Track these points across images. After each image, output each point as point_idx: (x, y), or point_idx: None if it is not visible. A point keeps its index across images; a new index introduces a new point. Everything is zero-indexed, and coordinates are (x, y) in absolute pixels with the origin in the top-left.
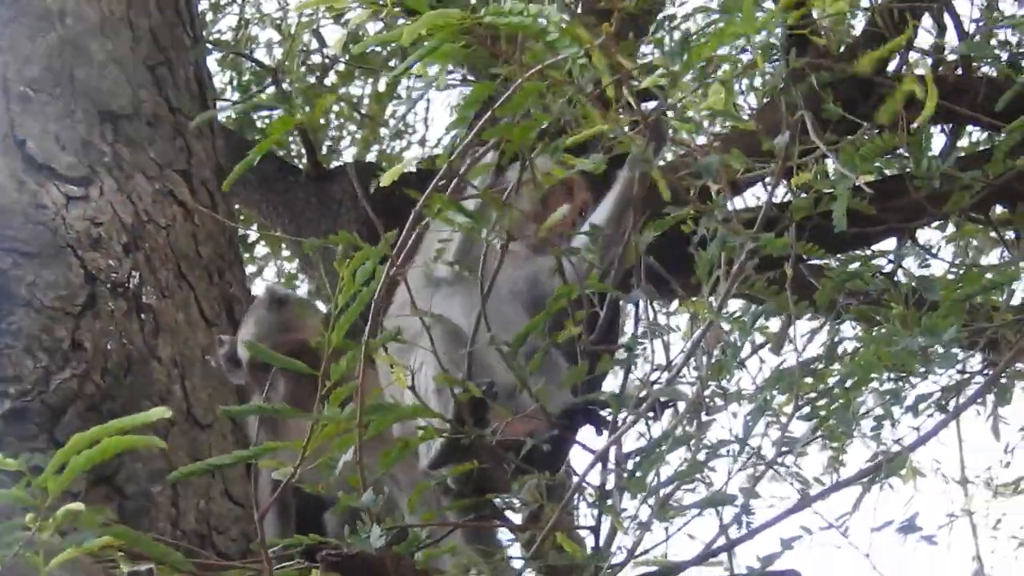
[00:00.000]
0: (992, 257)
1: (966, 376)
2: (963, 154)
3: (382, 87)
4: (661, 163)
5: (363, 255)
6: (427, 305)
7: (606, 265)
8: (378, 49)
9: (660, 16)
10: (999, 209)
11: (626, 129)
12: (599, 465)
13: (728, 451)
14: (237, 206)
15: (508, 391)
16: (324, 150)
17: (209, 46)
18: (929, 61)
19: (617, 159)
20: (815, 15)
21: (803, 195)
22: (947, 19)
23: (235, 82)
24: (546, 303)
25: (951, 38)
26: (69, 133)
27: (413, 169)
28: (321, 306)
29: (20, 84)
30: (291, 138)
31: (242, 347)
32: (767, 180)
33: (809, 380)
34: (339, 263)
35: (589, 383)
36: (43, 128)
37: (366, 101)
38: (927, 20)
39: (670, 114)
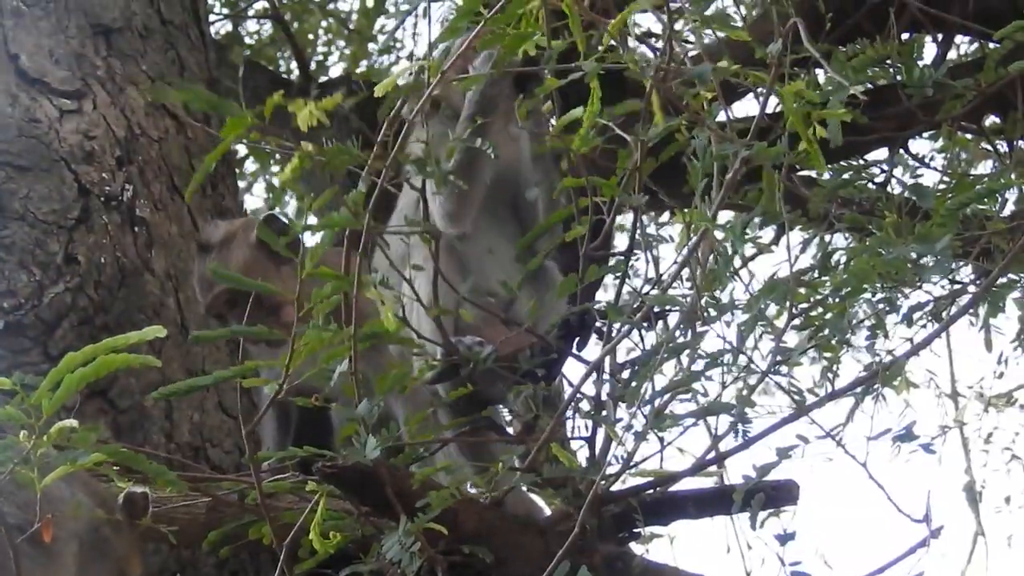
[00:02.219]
0: (982, 169)
1: (959, 286)
2: (954, 64)
3: (370, 2)
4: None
5: (347, 160)
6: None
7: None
8: None
9: None
10: (990, 120)
11: None
12: (594, 375)
13: (722, 361)
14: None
15: (505, 303)
16: (313, 65)
17: None
18: None
19: None
20: None
21: (795, 105)
22: None
23: None
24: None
25: None
26: (62, 47)
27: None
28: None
29: None
30: (280, 54)
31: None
32: (760, 90)
33: (802, 290)
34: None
35: (584, 294)
36: (36, 42)
37: (354, 17)
38: None
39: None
